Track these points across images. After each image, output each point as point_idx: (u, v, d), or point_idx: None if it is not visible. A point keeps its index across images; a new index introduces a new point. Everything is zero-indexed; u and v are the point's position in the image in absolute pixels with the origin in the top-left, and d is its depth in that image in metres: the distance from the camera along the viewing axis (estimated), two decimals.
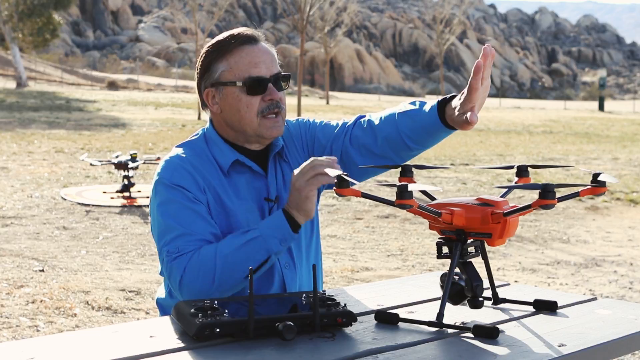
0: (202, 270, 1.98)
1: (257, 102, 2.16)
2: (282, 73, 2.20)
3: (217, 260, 1.98)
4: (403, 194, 1.63)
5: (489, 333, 1.69)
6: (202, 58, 2.21)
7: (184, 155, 2.18)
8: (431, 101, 2.15)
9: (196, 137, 2.25)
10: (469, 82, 2.00)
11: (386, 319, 1.80)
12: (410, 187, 1.63)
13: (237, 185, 2.16)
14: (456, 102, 2.04)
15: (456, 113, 2.03)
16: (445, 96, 2.11)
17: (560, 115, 37.60)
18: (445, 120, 2.09)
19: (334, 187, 1.73)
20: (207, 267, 1.98)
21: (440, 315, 1.73)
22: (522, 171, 1.95)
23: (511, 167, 1.99)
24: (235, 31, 2.21)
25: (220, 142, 2.20)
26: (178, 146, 2.24)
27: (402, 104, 2.22)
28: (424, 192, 1.85)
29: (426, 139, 2.15)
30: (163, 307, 2.24)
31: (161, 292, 2.27)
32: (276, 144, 2.24)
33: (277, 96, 2.17)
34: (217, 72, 2.18)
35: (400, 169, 1.88)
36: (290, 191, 2.00)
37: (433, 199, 1.86)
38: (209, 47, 2.21)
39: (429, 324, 1.75)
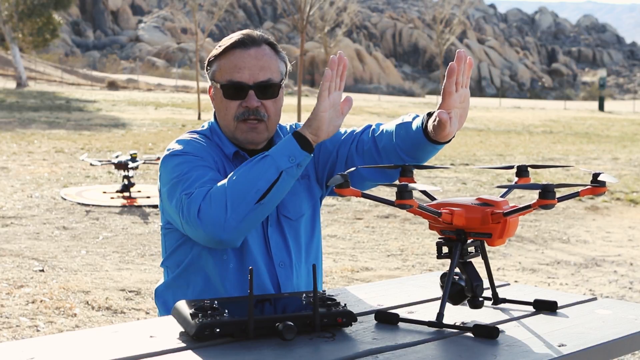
0: (215, 198, 1.97)
1: (234, 106, 2.18)
2: (272, 81, 2.18)
3: (227, 185, 1.98)
4: (403, 194, 1.63)
5: (489, 333, 1.69)
6: (209, 55, 2.28)
7: (194, 136, 2.23)
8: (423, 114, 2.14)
9: (203, 128, 2.30)
10: (443, 87, 1.98)
11: (386, 319, 1.80)
12: (410, 187, 1.63)
13: None
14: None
15: (434, 122, 2.01)
16: (432, 111, 2.06)
17: (560, 115, 37.60)
18: (428, 133, 2.06)
19: (334, 187, 1.73)
20: (219, 194, 1.97)
21: (440, 315, 1.73)
22: (522, 171, 1.95)
23: (511, 167, 1.98)
24: (237, 33, 2.24)
25: (221, 135, 2.25)
26: (186, 133, 2.28)
27: (405, 116, 2.21)
28: (424, 192, 1.85)
29: (416, 152, 2.12)
30: (160, 296, 2.26)
31: (160, 282, 2.29)
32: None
33: (254, 104, 2.16)
34: (211, 71, 2.24)
35: (400, 169, 1.88)
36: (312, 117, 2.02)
37: (433, 199, 1.86)
38: (215, 45, 2.28)
39: (429, 324, 1.75)
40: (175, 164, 2.11)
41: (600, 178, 1.76)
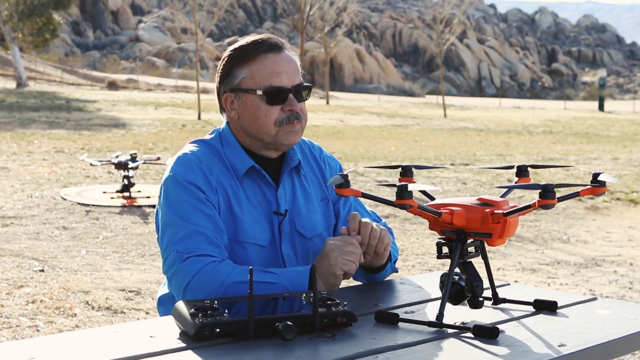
0: (211, 284, 1.97)
1: (276, 111, 2.15)
2: (304, 84, 2.19)
3: (227, 281, 1.96)
4: (403, 194, 1.63)
5: (489, 333, 1.69)
6: (224, 62, 2.19)
7: (198, 153, 2.16)
8: None
9: (211, 136, 2.24)
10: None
11: (386, 319, 1.80)
12: (410, 187, 1.63)
13: (248, 192, 2.15)
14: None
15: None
16: None
17: (560, 115, 37.60)
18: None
19: (334, 187, 1.73)
20: (216, 283, 1.96)
21: (440, 315, 1.73)
22: (522, 171, 1.95)
23: (511, 167, 1.99)
24: (259, 37, 2.20)
25: (237, 145, 2.19)
26: (192, 142, 2.22)
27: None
28: (424, 192, 1.85)
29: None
30: (164, 304, 2.22)
31: (163, 290, 2.24)
32: (293, 158, 2.23)
33: (297, 107, 2.16)
34: (238, 78, 2.16)
35: (400, 169, 1.88)
36: (323, 255, 2.03)
37: (433, 199, 1.86)
38: (231, 51, 2.19)
39: (429, 324, 1.75)
40: (177, 197, 2.08)
41: (600, 178, 1.76)
